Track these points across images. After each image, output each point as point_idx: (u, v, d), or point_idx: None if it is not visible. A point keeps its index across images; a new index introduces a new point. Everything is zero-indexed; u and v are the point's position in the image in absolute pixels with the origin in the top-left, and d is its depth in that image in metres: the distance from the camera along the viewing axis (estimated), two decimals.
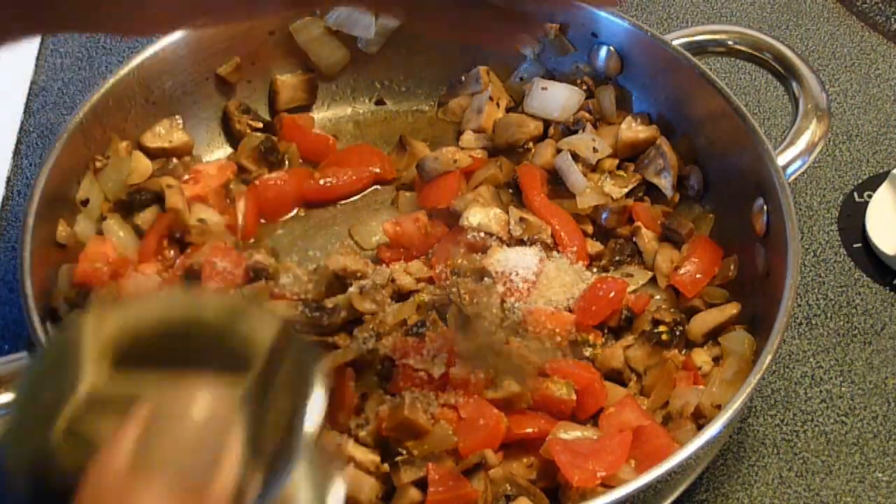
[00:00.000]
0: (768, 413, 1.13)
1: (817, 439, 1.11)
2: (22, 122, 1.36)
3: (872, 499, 1.08)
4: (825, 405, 1.14)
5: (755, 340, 1.06)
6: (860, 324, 1.20)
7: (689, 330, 1.11)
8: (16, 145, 1.33)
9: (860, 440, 1.11)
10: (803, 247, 1.26)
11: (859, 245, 1.27)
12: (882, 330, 1.20)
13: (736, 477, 1.09)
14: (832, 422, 1.13)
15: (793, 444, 1.11)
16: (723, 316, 1.10)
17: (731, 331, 1.09)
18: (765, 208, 1.10)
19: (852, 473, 1.09)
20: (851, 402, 1.14)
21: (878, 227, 1.26)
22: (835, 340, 1.19)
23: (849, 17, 1.52)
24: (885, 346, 1.19)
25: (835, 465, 1.10)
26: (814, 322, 1.21)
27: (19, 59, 1.42)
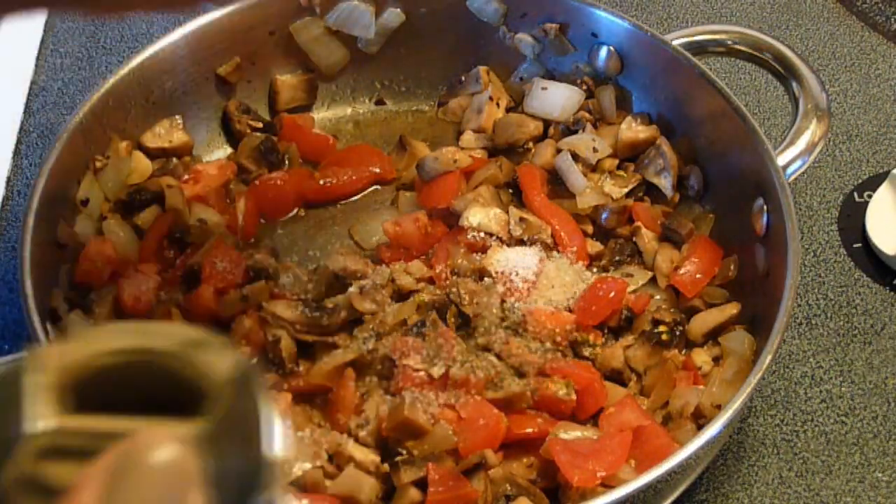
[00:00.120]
0: (768, 413, 1.13)
1: (817, 439, 1.11)
2: (22, 122, 1.36)
3: (872, 499, 1.08)
4: (825, 405, 1.14)
5: (755, 340, 1.06)
6: (860, 324, 1.20)
7: (689, 330, 1.11)
8: (16, 145, 1.33)
9: (860, 440, 1.11)
10: (803, 247, 1.26)
11: (859, 245, 1.27)
12: (882, 330, 1.20)
13: (736, 477, 1.09)
14: (832, 422, 1.13)
15: (793, 444, 1.11)
16: (723, 316, 1.10)
17: (731, 331, 1.09)
18: (765, 208, 1.10)
19: (852, 473, 1.09)
20: (851, 402, 1.14)
21: (878, 227, 1.26)
22: (835, 340, 1.19)
23: (849, 17, 1.52)
24: (885, 346, 1.19)
25: (835, 465, 1.10)
26: (814, 322, 1.21)
27: (19, 59, 1.42)
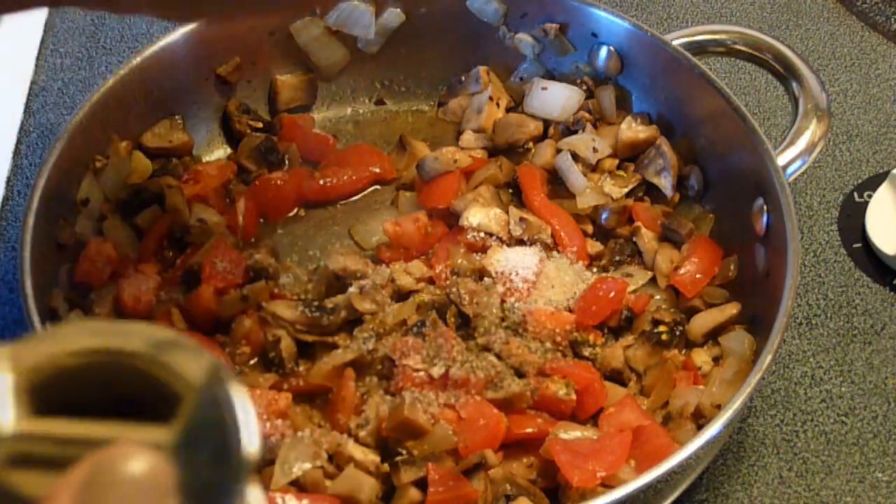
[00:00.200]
0: (768, 413, 1.13)
1: (817, 439, 1.11)
2: (22, 122, 1.36)
3: (872, 499, 1.08)
4: (825, 405, 1.14)
5: (755, 340, 1.06)
6: (860, 324, 1.20)
7: (689, 330, 1.11)
8: (16, 145, 1.33)
9: (860, 440, 1.11)
10: (803, 247, 1.26)
11: (859, 245, 1.27)
12: (882, 330, 1.20)
13: (736, 477, 1.08)
14: (832, 422, 1.13)
15: (793, 444, 1.11)
16: (723, 316, 1.10)
17: (731, 331, 1.09)
18: (765, 208, 1.10)
19: (852, 473, 1.09)
20: (851, 402, 1.14)
21: (878, 227, 1.26)
22: (835, 340, 1.19)
23: (849, 17, 1.52)
24: (885, 346, 1.19)
25: (835, 465, 1.10)
26: (814, 322, 1.21)
27: (19, 59, 1.42)
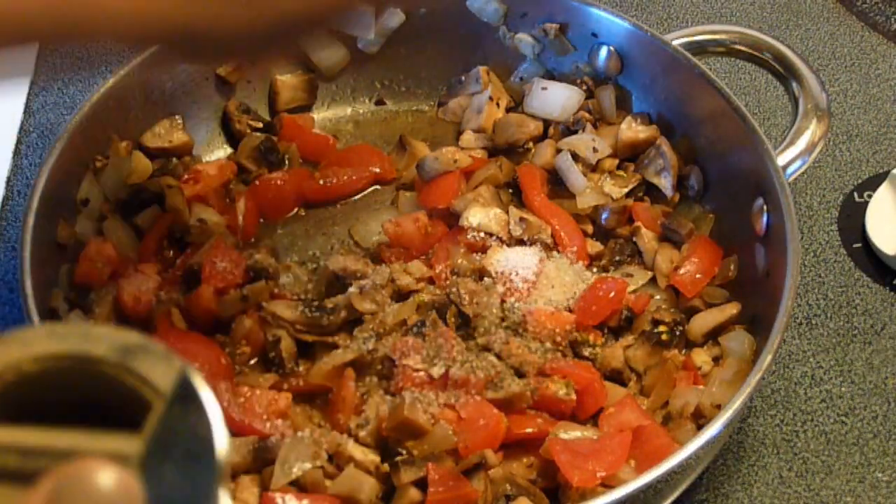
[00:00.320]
0: (768, 413, 1.13)
1: (817, 439, 1.11)
2: (22, 122, 1.35)
3: (872, 499, 1.07)
4: (825, 405, 1.14)
5: (755, 340, 1.06)
6: (860, 324, 1.20)
7: (689, 330, 1.11)
8: (16, 145, 1.33)
9: (860, 440, 1.11)
10: (803, 247, 1.26)
11: (859, 245, 1.27)
12: (882, 330, 1.20)
13: (736, 477, 1.08)
14: (832, 422, 1.13)
15: (793, 444, 1.11)
16: (723, 316, 1.10)
17: (731, 331, 1.09)
18: (765, 208, 1.10)
19: (852, 473, 1.09)
20: (851, 402, 1.14)
21: (878, 227, 1.26)
22: (835, 340, 1.19)
23: (849, 17, 1.52)
24: (885, 346, 1.19)
25: (835, 465, 1.09)
26: (814, 322, 1.20)
27: (19, 60, 1.42)
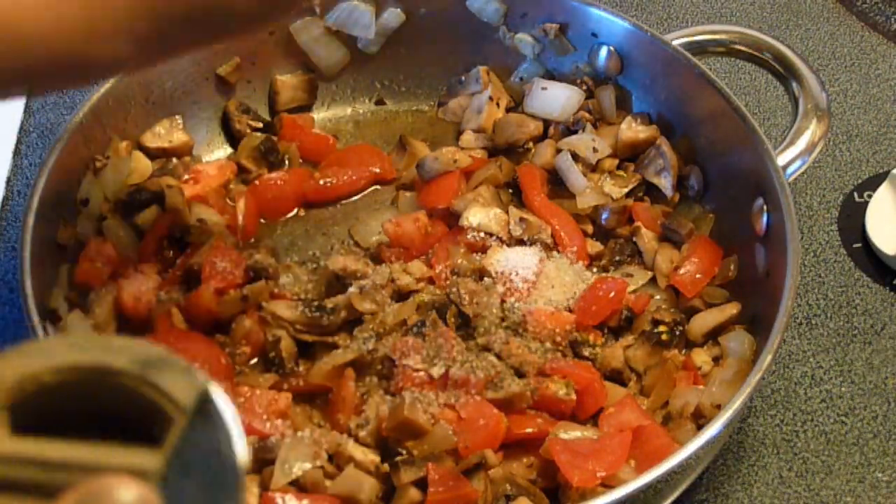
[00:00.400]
0: (768, 413, 1.13)
1: (817, 439, 1.11)
2: (22, 122, 1.35)
3: (872, 499, 1.07)
4: (825, 405, 1.14)
5: (755, 340, 1.06)
6: (860, 324, 1.20)
7: (689, 330, 1.11)
8: (16, 145, 1.33)
9: (860, 440, 1.11)
10: (803, 247, 1.26)
11: (859, 245, 1.27)
12: (882, 330, 1.20)
13: (736, 477, 1.08)
14: (832, 422, 1.13)
15: (793, 444, 1.11)
16: (723, 316, 1.10)
17: (731, 331, 1.09)
18: (765, 208, 1.10)
19: (852, 473, 1.09)
20: (851, 402, 1.14)
21: (878, 227, 1.26)
22: (835, 340, 1.19)
23: (849, 17, 1.52)
24: (885, 346, 1.19)
25: (835, 465, 1.09)
26: (814, 322, 1.21)
27: None
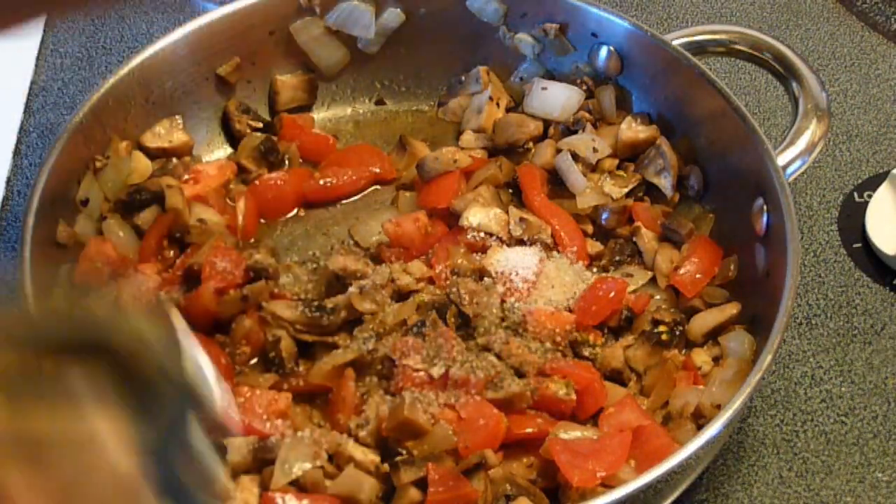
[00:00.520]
0: (768, 413, 1.13)
1: (817, 439, 1.11)
2: (22, 122, 1.36)
3: (872, 499, 1.08)
4: (825, 405, 1.14)
5: (755, 340, 1.06)
6: (860, 324, 1.20)
7: (689, 330, 1.11)
8: (16, 145, 1.33)
9: (860, 440, 1.11)
10: (803, 247, 1.26)
11: (859, 245, 1.27)
12: (882, 330, 1.20)
13: (736, 477, 1.08)
14: (832, 422, 1.13)
15: (793, 444, 1.11)
16: (723, 316, 1.10)
17: (731, 331, 1.09)
18: (765, 208, 1.10)
19: (852, 473, 1.09)
20: (851, 402, 1.14)
21: (878, 227, 1.26)
22: (835, 340, 1.19)
23: (849, 17, 1.52)
24: (885, 346, 1.19)
25: (835, 465, 1.10)
26: (814, 322, 1.21)
27: (19, 59, 1.42)
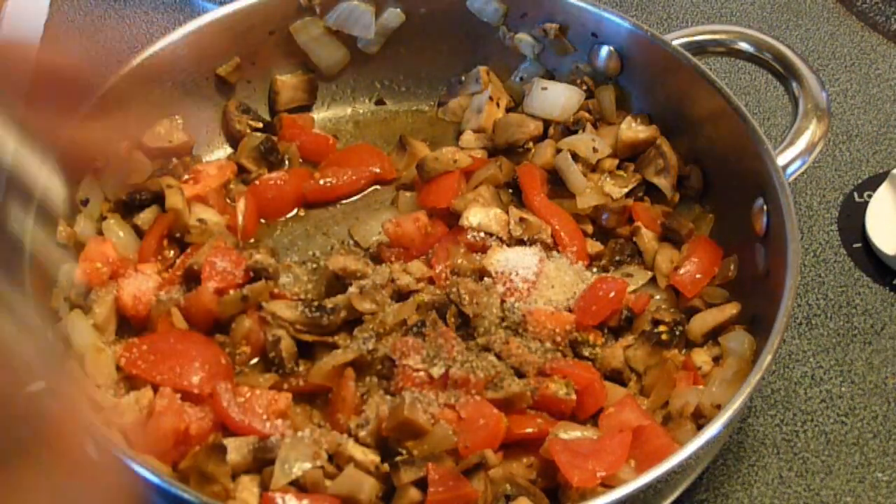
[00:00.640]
0: (768, 413, 1.13)
1: (817, 439, 1.11)
2: None
3: (872, 499, 1.08)
4: (825, 405, 1.14)
5: (755, 340, 1.06)
6: (860, 324, 1.20)
7: (689, 330, 1.11)
8: None
9: (860, 440, 1.11)
10: (803, 247, 1.26)
11: (859, 245, 1.27)
12: (882, 330, 1.20)
13: (736, 477, 1.08)
14: (832, 422, 1.13)
15: (793, 444, 1.11)
16: (723, 316, 1.10)
17: (731, 331, 1.09)
18: (765, 208, 1.10)
19: (852, 473, 1.09)
20: (851, 402, 1.14)
21: (878, 227, 1.26)
22: (835, 340, 1.19)
23: (849, 17, 1.52)
24: (885, 346, 1.19)
25: (835, 465, 1.10)
26: (814, 322, 1.21)
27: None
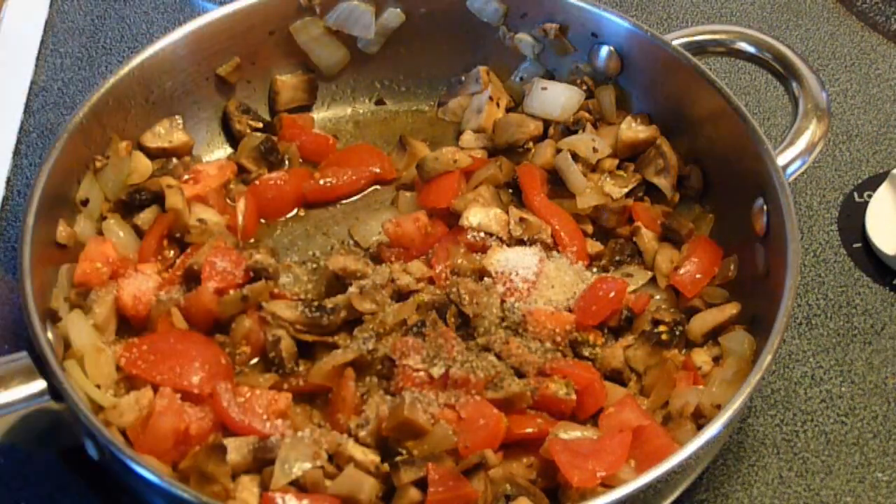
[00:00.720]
0: (768, 413, 1.13)
1: (817, 439, 1.11)
2: (22, 122, 1.36)
3: (872, 499, 1.08)
4: (825, 405, 1.14)
5: (755, 340, 1.06)
6: (860, 324, 1.20)
7: (689, 330, 1.11)
8: (16, 145, 1.33)
9: (860, 440, 1.11)
10: (803, 247, 1.26)
11: (859, 245, 1.27)
12: (882, 330, 1.20)
13: (736, 477, 1.08)
14: (832, 422, 1.13)
15: (793, 444, 1.11)
16: (723, 316, 1.10)
17: (731, 331, 1.09)
18: (765, 208, 1.10)
19: (852, 473, 1.09)
20: (851, 402, 1.14)
21: (878, 227, 1.26)
22: (835, 340, 1.19)
23: (849, 17, 1.52)
24: (885, 346, 1.19)
25: (835, 465, 1.09)
26: (814, 322, 1.21)
27: (19, 59, 1.42)
